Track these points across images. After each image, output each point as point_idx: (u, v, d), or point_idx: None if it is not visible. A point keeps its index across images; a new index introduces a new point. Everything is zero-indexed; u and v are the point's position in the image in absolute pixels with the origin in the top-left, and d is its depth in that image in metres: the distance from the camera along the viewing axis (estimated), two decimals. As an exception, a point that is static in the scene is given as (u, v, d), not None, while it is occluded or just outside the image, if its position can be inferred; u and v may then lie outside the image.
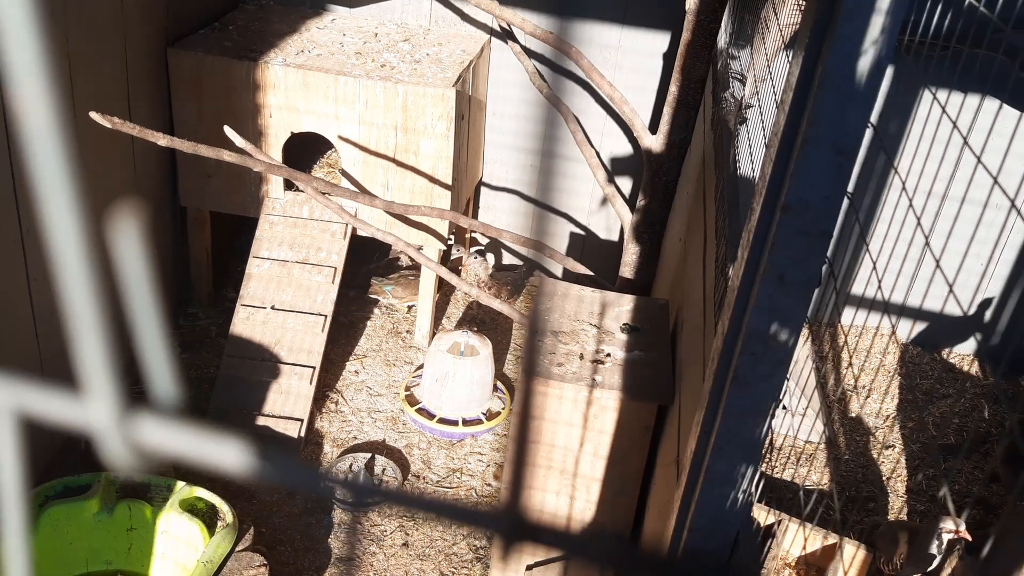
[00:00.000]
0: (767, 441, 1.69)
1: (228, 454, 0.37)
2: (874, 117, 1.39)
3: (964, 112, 3.73)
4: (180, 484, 3.40)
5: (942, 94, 4.00)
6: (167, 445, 0.36)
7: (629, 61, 4.87)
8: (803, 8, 2.38)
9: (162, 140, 3.39)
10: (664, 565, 0.37)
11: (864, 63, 1.19)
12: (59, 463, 3.74)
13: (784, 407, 3.13)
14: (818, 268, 1.39)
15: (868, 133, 1.32)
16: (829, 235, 1.34)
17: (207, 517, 3.33)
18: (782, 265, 1.39)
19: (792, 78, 1.32)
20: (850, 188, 1.38)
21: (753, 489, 1.71)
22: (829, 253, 1.45)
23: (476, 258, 5.05)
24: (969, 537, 3.03)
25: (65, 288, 0.34)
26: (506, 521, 0.38)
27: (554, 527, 0.38)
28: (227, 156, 3.61)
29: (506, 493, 3.20)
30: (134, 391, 3.68)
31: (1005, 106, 3.62)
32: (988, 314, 4.94)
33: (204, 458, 0.37)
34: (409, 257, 5.24)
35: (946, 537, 3.03)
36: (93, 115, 3.06)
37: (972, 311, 4.93)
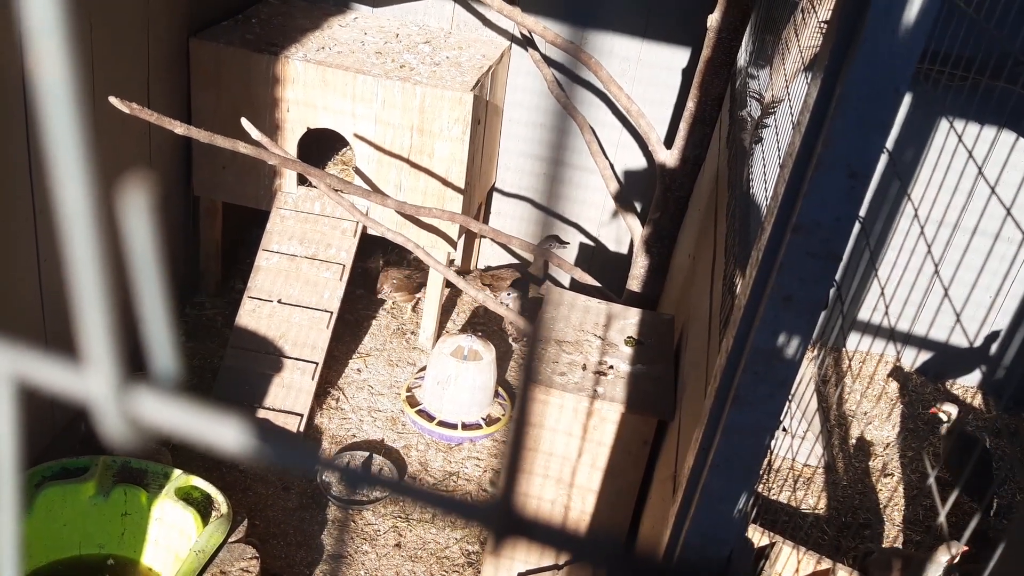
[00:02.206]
0: (765, 462, 1.68)
1: (223, 431, 0.37)
2: (890, 142, 1.39)
3: (980, 143, 3.73)
4: (177, 472, 3.41)
5: (959, 124, 4.00)
6: (163, 419, 0.36)
7: (648, 74, 4.87)
8: (824, 32, 2.38)
9: (179, 128, 3.41)
10: (658, 570, 0.37)
11: (882, 88, 1.19)
12: (58, 445, 3.75)
13: (784, 428, 3.12)
14: (826, 290, 1.38)
15: (883, 158, 1.32)
16: (838, 258, 1.34)
17: (202, 506, 3.33)
18: (790, 285, 1.39)
19: (810, 99, 1.32)
20: (862, 212, 1.38)
21: (749, 509, 1.70)
22: (838, 276, 1.45)
23: (510, 294, 5.06)
24: (966, 548, 3.02)
25: (71, 258, 0.34)
26: (499, 515, 0.38)
27: (547, 524, 0.38)
28: (243, 148, 3.62)
29: (501, 488, 3.20)
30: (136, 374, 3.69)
31: (1021, 139, 3.62)
32: (994, 347, 4.92)
33: (199, 434, 0.37)
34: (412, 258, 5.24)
35: (945, 563, 3.02)
36: (112, 100, 3.08)
37: (978, 343, 4.91)
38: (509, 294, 5.07)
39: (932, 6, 1.14)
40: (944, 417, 3.95)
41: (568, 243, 5.30)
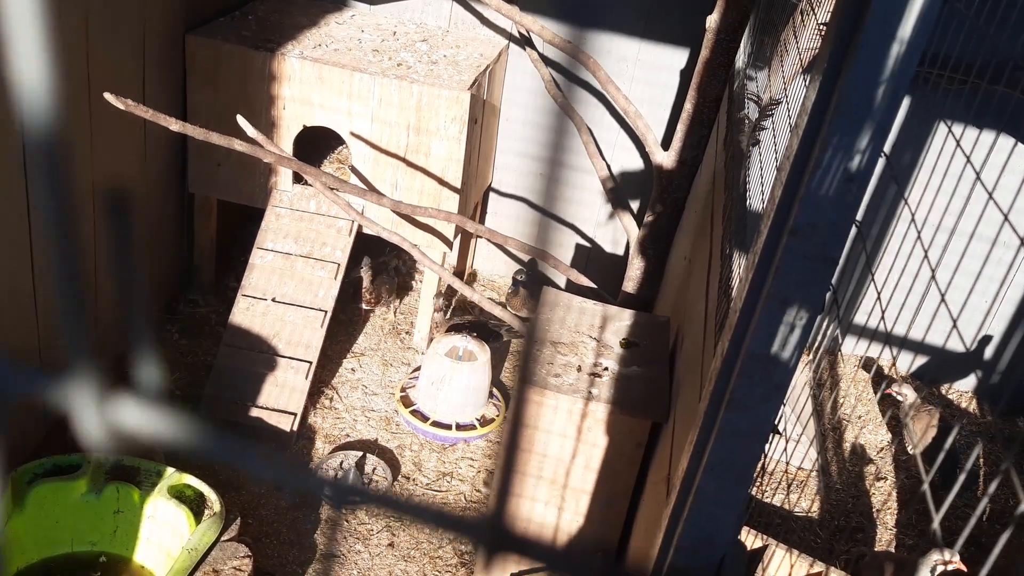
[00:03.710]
0: (759, 465, 1.68)
1: (203, 441, 0.36)
2: (888, 146, 1.38)
3: (978, 147, 3.72)
4: (169, 470, 3.40)
5: (957, 128, 4.00)
6: (143, 428, 0.35)
7: (646, 75, 4.87)
8: (823, 34, 2.38)
9: (174, 125, 3.40)
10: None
11: (880, 92, 1.18)
12: (50, 442, 3.73)
13: (778, 431, 3.12)
14: (822, 294, 1.38)
15: (880, 162, 1.32)
16: (835, 262, 1.33)
17: (195, 505, 3.32)
18: (786, 289, 1.38)
19: (808, 102, 1.31)
20: (859, 216, 1.38)
21: (742, 512, 1.70)
22: (834, 280, 1.45)
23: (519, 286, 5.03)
24: (964, 568, 3.02)
25: (53, 268, 0.33)
26: (490, 531, 0.37)
27: (538, 540, 0.37)
28: (238, 145, 3.61)
29: (493, 501, 3.20)
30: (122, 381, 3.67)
31: (1020, 144, 3.62)
32: (990, 352, 4.93)
33: (177, 444, 0.36)
34: (397, 264, 5.21)
35: (939, 568, 3.01)
36: (107, 96, 3.07)
37: (974, 348, 4.91)
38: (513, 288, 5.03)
39: (931, 11, 1.14)
40: (900, 399, 4.06)
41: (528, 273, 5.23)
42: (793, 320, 1.40)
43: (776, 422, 1.60)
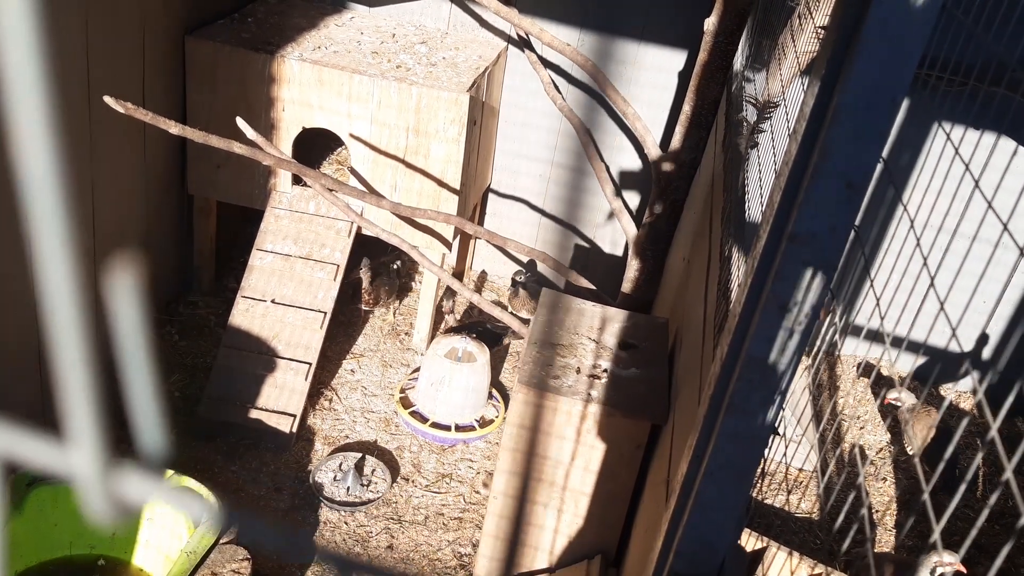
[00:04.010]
0: (759, 468, 1.68)
1: (203, 513, 0.36)
2: (888, 149, 1.38)
3: (980, 150, 3.73)
4: (168, 472, 3.40)
5: (958, 129, 4.00)
6: (147, 499, 0.36)
7: (644, 77, 4.87)
8: (821, 37, 2.38)
9: (174, 128, 3.39)
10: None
11: (879, 98, 1.19)
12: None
13: (778, 433, 3.12)
14: (821, 300, 1.38)
15: (879, 167, 1.32)
16: (834, 267, 1.34)
17: (194, 507, 3.32)
18: (785, 294, 1.38)
19: (806, 108, 1.31)
20: (858, 219, 1.38)
21: (742, 516, 1.70)
22: (833, 283, 1.45)
23: (523, 287, 5.03)
24: (964, 570, 3.02)
25: (55, 338, 0.34)
26: None
27: None
28: (237, 148, 3.61)
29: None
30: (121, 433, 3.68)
31: (1021, 147, 3.62)
32: (989, 353, 4.93)
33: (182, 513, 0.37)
34: (395, 266, 5.20)
35: (939, 570, 3.02)
36: (107, 99, 3.07)
37: (973, 349, 4.92)
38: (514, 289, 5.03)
39: (929, 17, 1.14)
40: (898, 404, 4.08)
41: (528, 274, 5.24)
42: (792, 325, 1.40)
43: (776, 424, 1.60)
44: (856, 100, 1.19)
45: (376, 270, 4.84)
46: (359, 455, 4.11)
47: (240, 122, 3.72)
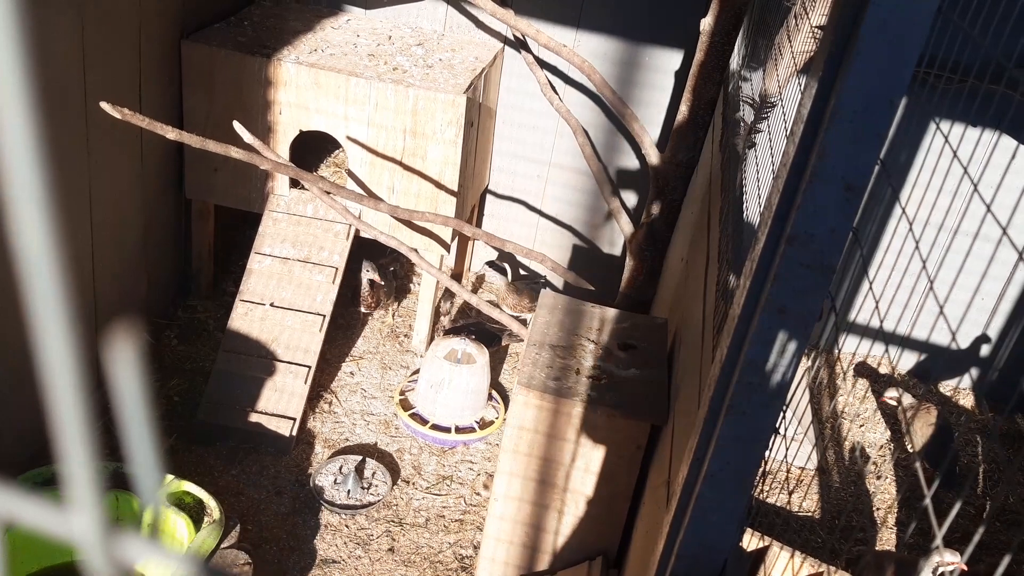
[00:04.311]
0: (760, 470, 1.68)
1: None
2: (888, 145, 1.38)
3: (980, 147, 3.73)
4: (168, 477, 3.39)
5: (958, 128, 4.00)
6: (148, 563, 0.36)
7: (641, 77, 4.87)
8: (817, 37, 2.38)
9: (171, 134, 3.39)
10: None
11: (877, 99, 1.18)
12: (47, 451, 3.73)
13: (778, 432, 3.12)
14: (819, 301, 1.38)
15: (876, 168, 1.32)
16: (832, 269, 1.33)
17: (194, 512, 3.31)
18: (783, 297, 1.38)
19: (804, 110, 1.31)
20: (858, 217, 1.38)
21: (743, 519, 1.70)
22: (833, 280, 1.45)
23: (494, 270, 5.03)
24: (966, 568, 3.02)
25: (53, 404, 0.34)
26: None
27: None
28: (235, 152, 3.61)
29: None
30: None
31: (1021, 144, 3.62)
32: (989, 350, 4.93)
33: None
34: (392, 268, 5.20)
35: (940, 570, 3.01)
36: (104, 105, 3.06)
37: (973, 346, 4.92)
38: (491, 270, 5.03)
39: (926, 18, 1.14)
40: (894, 402, 4.09)
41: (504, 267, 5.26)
42: (791, 327, 1.40)
43: (776, 424, 1.60)
44: (854, 102, 1.19)
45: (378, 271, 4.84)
46: (359, 458, 4.11)
47: (237, 126, 3.71)
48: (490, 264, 5.19)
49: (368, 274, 4.73)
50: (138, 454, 0.36)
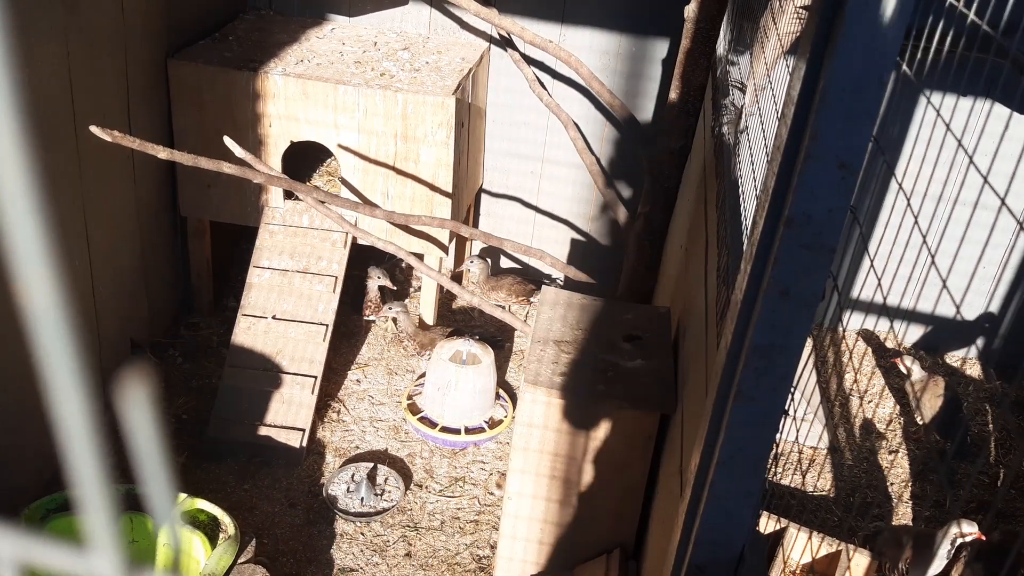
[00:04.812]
0: (771, 453, 1.68)
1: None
2: (881, 121, 1.38)
3: (973, 116, 3.72)
4: (181, 495, 3.39)
5: (950, 98, 3.99)
6: None
7: (628, 68, 4.86)
8: (802, 18, 2.37)
9: (162, 153, 3.39)
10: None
11: (866, 78, 1.18)
12: (60, 476, 3.73)
13: (787, 412, 3.12)
14: (822, 282, 1.38)
15: (870, 146, 1.31)
16: (832, 249, 1.33)
17: (208, 529, 3.32)
18: (785, 279, 1.38)
19: (793, 92, 1.31)
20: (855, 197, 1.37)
21: (758, 503, 1.70)
22: (835, 258, 1.44)
23: (474, 261, 5.02)
24: (983, 537, 3.02)
25: (68, 449, 0.34)
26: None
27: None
28: (227, 168, 3.60)
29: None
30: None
31: (1015, 112, 3.61)
32: (994, 318, 4.93)
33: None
34: (395, 273, 5.20)
35: (959, 541, 3.02)
36: (93, 129, 3.06)
37: (979, 315, 4.91)
38: (473, 262, 5.01)
39: (911, -7, 1.13)
40: (905, 371, 4.08)
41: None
42: (795, 310, 1.39)
43: (785, 406, 1.59)
44: (843, 82, 1.19)
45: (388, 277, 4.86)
46: (371, 465, 4.11)
47: (228, 141, 3.71)
48: (473, 257, 5.16)
49: (379, 280, 4.74)
50: (150, 475, 0.36)
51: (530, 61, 4.92)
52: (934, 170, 1.87)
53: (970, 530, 3.01)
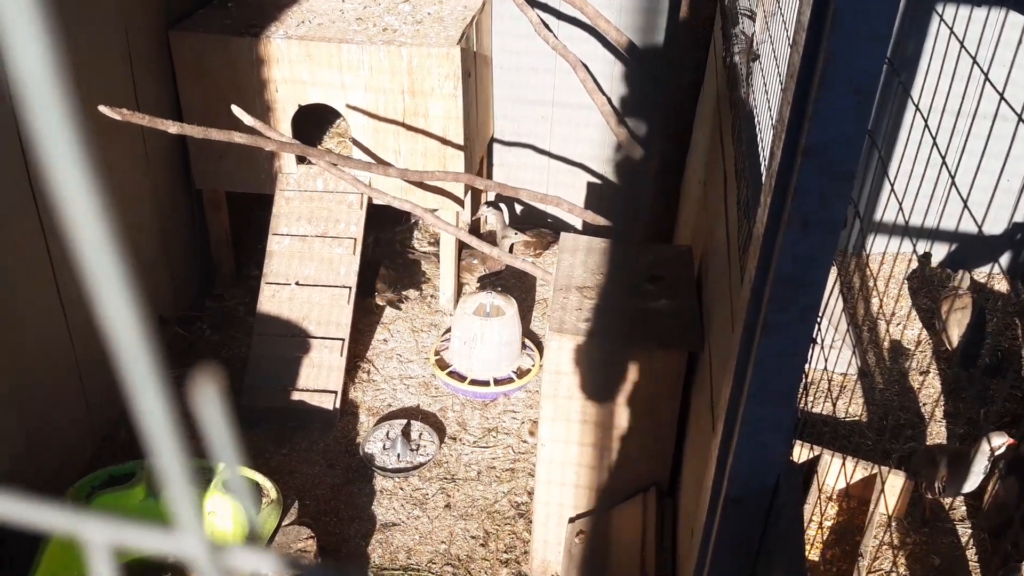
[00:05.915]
0: (801, 384, 1.67)
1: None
2: (894, 42, 1.34)
3: (988, 27, 3.63)
4: (222, 465, 3.45)
5: (964, 9, 3.90)
6: (256, 570, 0.39)
7: (635, 3, 4.77)
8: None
9: (173, 128, 3.38)
10: None
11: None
12: (101, 454, 3.80)
13: (815, 341, 3.11)
14: (843, 210, 1.36)
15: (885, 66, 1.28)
16: (852, 176, 1.31)
17: (251, 496, 3.38)
18: (806, 209, 1.36)
19: (804, 17, 1.28)
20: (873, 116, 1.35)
21: (791, 433, 1.70)
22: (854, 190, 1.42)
23: (490, 208, 5.00)
24: (1014, 442, 3.03)
25: (149, 435, 0.36)
26: None
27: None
28: (238, 138, 3.59)
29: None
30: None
31: (1024, 18, 3.52)
32: (1021, 230, 4.86)
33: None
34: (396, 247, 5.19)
35: (992, 455, 3.02)
36: (102, 108, 3.05)
37: (1004, 229, 4.85)
38: (489, 208, 5.00)
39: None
40: (955, 282, 4.13)
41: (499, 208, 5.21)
42: (817, 239, 1.38)
43: (813, 335, 1.59)
44: (853, 3, 1.16)
45: (383, 262, 4.89)
46: (404, 421, 4.15)
47: (236, 110, 3.70)
48: (488, 204, 5.12)
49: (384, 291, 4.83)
50: (227, 464, 0.38)
51: (534, 3, 4.84)
52: (951, 85, 1.82)
53: (1001, 441, 3.01)
